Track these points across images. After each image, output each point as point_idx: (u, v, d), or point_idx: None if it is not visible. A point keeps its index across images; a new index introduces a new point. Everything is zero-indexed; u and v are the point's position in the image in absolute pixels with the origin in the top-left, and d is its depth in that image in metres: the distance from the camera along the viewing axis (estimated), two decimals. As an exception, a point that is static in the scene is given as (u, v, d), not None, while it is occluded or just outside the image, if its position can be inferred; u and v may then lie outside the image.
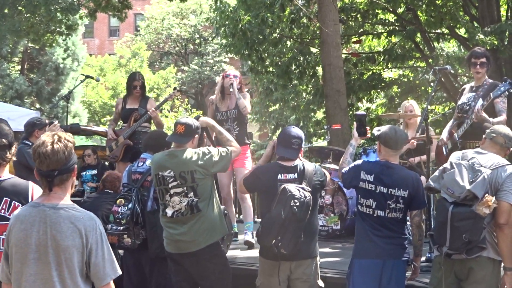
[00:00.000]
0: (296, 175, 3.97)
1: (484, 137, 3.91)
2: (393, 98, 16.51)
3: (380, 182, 3.85)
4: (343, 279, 4.18)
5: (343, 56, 12.33)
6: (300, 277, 3.96)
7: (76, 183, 8.22)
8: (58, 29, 13.44)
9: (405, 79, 15.95)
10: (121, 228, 4.71)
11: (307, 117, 18.24)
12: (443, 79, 12.61)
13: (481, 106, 4.82)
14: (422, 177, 4.73)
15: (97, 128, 13.98)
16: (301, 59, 13.36)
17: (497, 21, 11.47)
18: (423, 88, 15.81)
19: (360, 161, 4.11)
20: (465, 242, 3.49)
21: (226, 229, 4.36)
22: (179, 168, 4.14)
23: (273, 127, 23.05)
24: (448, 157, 4.25)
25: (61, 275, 2.64)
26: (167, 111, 25.39)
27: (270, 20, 11.68)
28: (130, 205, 4.73)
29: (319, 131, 17.63)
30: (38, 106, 22.27)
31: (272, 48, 13.06)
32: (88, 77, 8.68)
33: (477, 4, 12.52)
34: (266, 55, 13.13)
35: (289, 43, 13.74)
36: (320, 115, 17.67)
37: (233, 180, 6.76)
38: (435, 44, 13.88)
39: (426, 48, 13.77)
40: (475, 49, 5.39)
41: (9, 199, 3.17)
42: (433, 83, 13.90)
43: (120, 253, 5.25)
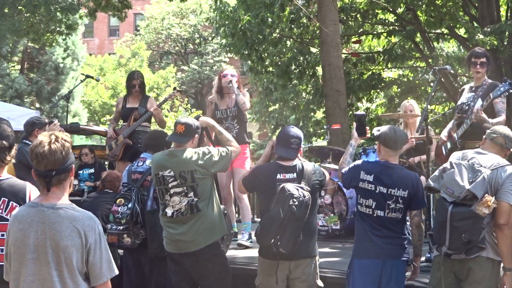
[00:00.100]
0: (295, 175, 3.97)
1: (484, 137, 3.91)
2: (392, 98, 16.51)
3: (379, 182, 3.85)
4: (342, 279, 4.18)
5: (343, 56, 12.33)
6: (299, 277, 3.96)
7: (75, 182, 8.22)
8: (58, 29, 13.43)
9: (405, 79, 15.96)
10: (121, 227, 4.71)
11: (306, 117, 18.26)
12: (443, 79, 12.60)
13: (480, 106, 4.81)
14: (422, 177, 4.74)
15: (96, 127, 13.94)
16: (301, 59, 13.36)
17: (497, 21, 11.48)
18: (423, 88, 15.82)
19: (359, 161, 4.11)
20: (464, 242, 3.49)
21: (225, 229, 4.36)
22: (179, 167, 4.14)
23: (272, 127, 23.05)
24: (447, 157, 4.25)
25: (61, 274, 2.65)
26: (167, 111, 25.39)
27: (270, 20, 11.67)
28: (130, 205, 4.73)
29: (319, 131, 17.64)
30: (38, 105, 22.26)
31: (272, 48, 13.05)
32: (88, 76, 8.70)
33: (477, 4, 12.52)
34: (266, 55, 13.13)
35: (289, 43, 13.73)
36: (319, 115, 17.68)
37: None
38: (435, 44, 13.89)
39: (426, 48, 13.78)
40: (475, 49, 5.39)
41: (6, 199, 3.18)
42: (432, 83, 13.90)
43: (119, 252, 5.25)
